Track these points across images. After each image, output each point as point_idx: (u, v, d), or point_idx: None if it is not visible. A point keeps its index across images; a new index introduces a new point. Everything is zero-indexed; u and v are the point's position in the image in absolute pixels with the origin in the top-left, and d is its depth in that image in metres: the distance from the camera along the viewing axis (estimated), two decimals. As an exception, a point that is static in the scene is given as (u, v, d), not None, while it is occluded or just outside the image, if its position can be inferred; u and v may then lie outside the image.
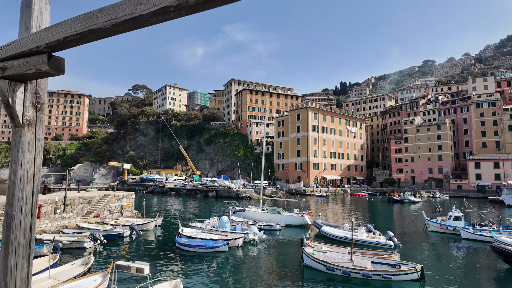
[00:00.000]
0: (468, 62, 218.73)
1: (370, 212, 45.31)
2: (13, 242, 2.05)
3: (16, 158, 2.12)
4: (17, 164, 2.11)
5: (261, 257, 19.99)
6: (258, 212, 32.52)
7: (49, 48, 1.87)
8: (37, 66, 1.92)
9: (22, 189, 2.09)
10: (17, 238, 2.06)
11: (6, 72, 2.03)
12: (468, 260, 20.23)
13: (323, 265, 16.82)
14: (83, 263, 16.04)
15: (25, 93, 2.13)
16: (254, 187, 69.45)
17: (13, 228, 2.06)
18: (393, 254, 18.48)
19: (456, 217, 27.61)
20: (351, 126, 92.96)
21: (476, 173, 73.32)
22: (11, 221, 2.07)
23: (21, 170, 2.10)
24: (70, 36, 1.77)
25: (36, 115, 2.18)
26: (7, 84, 2.04)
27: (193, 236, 22.80)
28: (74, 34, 1.75)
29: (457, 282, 15.87)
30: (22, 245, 2.08)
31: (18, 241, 2.06)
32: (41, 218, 25.26)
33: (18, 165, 2.10)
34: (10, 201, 2.11)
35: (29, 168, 2.13)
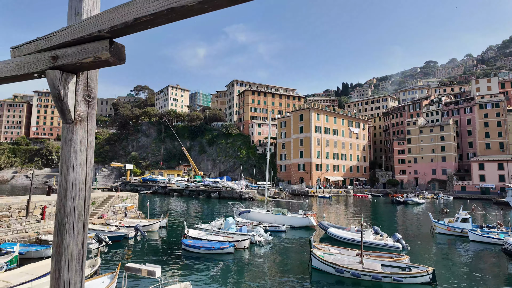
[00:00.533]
0: (470, 63, 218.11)
1: (374, 213, 45.01)
2: (66, 253, 1.84)
3: (68, 159, 1.91)
4: (68, 166, 1.90)
5: (268, 259, 19.78)
6: (263, 213, 32.29)
7: (112, 32, 1.67)
8: (96, 54, 1.71)
9: (75, 194, 1.89)
10: (70, 249, 1.86)
11: (58, 62, 1.83)
12: (478, 262, 19.95)
13: (333, 268, 16.59)
14: (90, 265, 15.87)
15: (77, 86, 1.93)
16: (257, 188, 69.22)
17: (65, 238, 1.86)
18: (403, 256, 18.24)
19: (464, 219, 27.31)
20: (354, 127, 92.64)
21: (480, 174, 72.85)
22: (63, 230, 1.86)
23: (73, 172, 1.90)
24: (142, 18, 1.55)
25: (87, 110, 1.97)
26: (59, 75, 1.83)
27: (199, 237, 22.61)
28: (148, 14, 1.52)
29: (468, 285, 15.61)
30: (76, 257, 1.87)
31: (71, 253, 1.86)
32: (45, 219, 25.11)
33: (70, 167, 1.89)
34: (62, 207, 1.89)
35: (81, 170, 1.92)
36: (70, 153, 1.92)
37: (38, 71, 1.91)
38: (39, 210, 24.97)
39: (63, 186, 1.91)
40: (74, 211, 1.89)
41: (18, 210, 23.46)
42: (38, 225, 24.29)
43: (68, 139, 1.94)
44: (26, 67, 1.95)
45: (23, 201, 23.80)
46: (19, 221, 23.42)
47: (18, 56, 2.00)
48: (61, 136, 2.00)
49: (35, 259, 17.64)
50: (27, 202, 23.92)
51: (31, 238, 22.34)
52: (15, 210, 23.28)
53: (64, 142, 1.97)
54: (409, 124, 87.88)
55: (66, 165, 1.92)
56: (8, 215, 22.74)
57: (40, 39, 1.93)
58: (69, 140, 1.93)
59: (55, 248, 1.89)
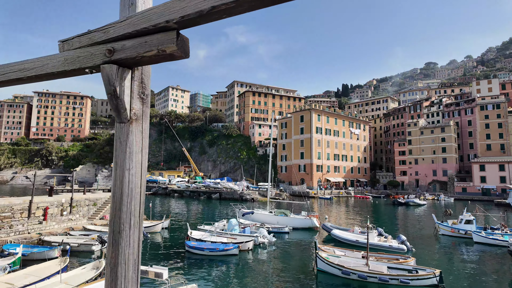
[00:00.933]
0: (470, 64, 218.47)
1: (375, 215, 44.88)
2: (121, 263, 1.70)
3: (123, 161, 1.77)
4: (124, 169, 1.76)
5: (272, 261, 19.64)
6: (265, 214, 32.16)
7: (180, 23, 1.53)
8: (161, 47, 1.57)
9: (131, 199, 1.74)
10: (126, 259, 1.72)
11: (115, 56, 1.69)
12: (484, 264, 19.84)
13: (338, 270, 16.46)
14: (94, 267, 15.73)
15: (132, 82, 1.80)
16: (257, 189, 69.06)
17: (121, 246, 1.72)
18: (409, 258, 18.12)
19: (468, 220, 27.21)
20: (355, 128, 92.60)
21: (481, 175, 72.79)
22: (119, 238, 1.72)
23: (129, 175, 1.75)
24: (221, 5, 1.39)
25: (142, 108, 1.84)
26: (115, 70, 1.70)
27: (202, 239, 22.47)
28: (229, 1, 1.36)
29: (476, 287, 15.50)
30: (132, 267, 1.73)
31: (127, 263, 1.71)
32: (47, 220, 24.97)
33: (125, 170, 1.75)
34: (117, 213, 1.75)
35: (137, 173, 1.78)
36: (126, 154, 1.78)
37: (90, 66, 1.78)
38: (41, 211, 24.81)
39: (118, 190, 1.77)
40: (130, 217, 1.75)
41: (20, 211, 23.30)
42: (40, 226, 24.13)
43: (123, 140, 1.80)
44: (77, 62, 1.81)
45: (25, 202, 23.63)
46: (21, 222, 23.26)
47: (68, 50, 1.87)
48: (115, 136, 1.86)
49: (38, 260, 17.49)
50: (29, 203, 23.76)
51: (33, 239, 22.18)
52: (17, 211, 23.12)
53: (118, 143, 1.83)
54: (410, 125, 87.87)
55: (121, 167, 1.78)
56: (10, 216, 22.58)
57: (95, 31, 1.80)
58: (124, 140, 1.79)
59: (110, 258, 1.75)
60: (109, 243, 1.80)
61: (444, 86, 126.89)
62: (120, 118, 1.81)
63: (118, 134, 1.85)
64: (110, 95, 1.77)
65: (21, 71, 1.96)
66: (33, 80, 2.02)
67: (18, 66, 1.99)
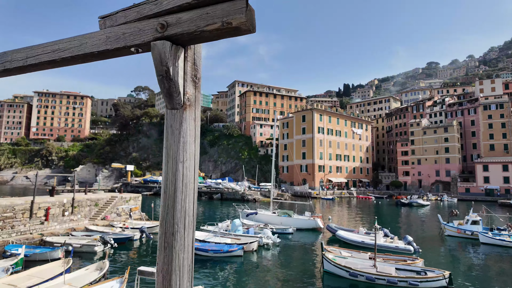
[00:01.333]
0: (472, 64, 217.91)
1: (378, 215, 44.59)
2: (176, 270, 1.47)
3: (176, 153, 1.53)
4: (177, 161, 1.52)
5: (277, 262, 19.39)
6: (269, 215, 31.92)
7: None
8: (226, 19, 1.35)
9: (185, 195, 1.51)
10: (181, 265, 1.49)
11: (169, 31, 1.46)
12: (493, 265, 19.58)
13: (346, 271, 16.21)
14: (98, 268, 15.51)
15: (185, 63, 1.56)
16: (259, 190, 68.81)
17: (176, 250, 1.48)
18: (417, 260, 17.86)
19: (474, 221, 26.94)
20: (357, 128, 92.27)
21: (485, 176, 72.43)
22: (173, 241, 1.49)
23: (183, 168, 1.51)
24: None
25: (195, 94, 1.60)
26: (169, 47, 1.46)
27: (206, 240, 22.23)
28: None
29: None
30: (187, 275, 1.50)
31: (182, 269, 1.49)
32: (49, 220, 24.77)
33: (179, 162, 1.51)
34: (170, 212, 1.51)
35: (190, 166, 1.55)
36: (179, 144, 1.54)
37: (137, 44, 1.54)
38: (43, 211, 24.63)
39: (171, 185, 1.53)
40: (184, 217, 1.51)
41: (22, 211, 23.10)
42: (41, 227, 23.94)
43: (175, 128, 1.56)
44: (121, 40, 1.57)
45: (27, 202, 23.45)
46: (23, 223, 23.07)
47: (111, 26, 1.62)
48: (166, 124, 1.61)
49: (40, 261, 17.29)
50: (31, 203, 23.57)
51: (35, 240, 21.97)
52: (19, 211, 22.93)
53: (169, 132, 1.58)
54: (413, 125, 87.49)
55: (174, 159, 1.53)
56: (12, 216, 22.39)
57: (144, 4, 1.57)
58: (177, 129, 1.55)
59: (162, 264, 1.50)
60: (161, 247, 1.54)
61: (447, 86, 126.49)
62: (172, 103, 1.57)
63: (169, 121, 1.60)
64: (161, 77, 1.53)
65: (54, 52, 1.71)
66: (68, 63, 1.76)
67: (51, 46, 1.73)
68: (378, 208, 54.80)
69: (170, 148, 1.58)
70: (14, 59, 1.82)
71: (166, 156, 1.59)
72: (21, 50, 1.80)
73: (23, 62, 1.79)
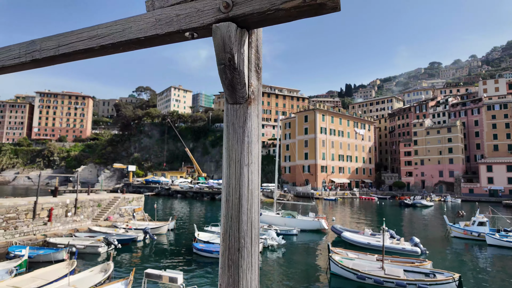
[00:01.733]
0: (475, 64, 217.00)
1: (382, 216, 44.28)
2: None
3: (240, 154, 1.31)
4: (242, 164, 1.30)
5: (283, 264, 19.16)
6: (272, 216, 31.70)
7: None
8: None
9: (251, 204, 1.31)
10: (248, 287, 1.28)
11: (234, 10, 1.22)
12: (501, 268, 19.29)
13: (353, 274, 15.97)
14: (102, 270, 15.34)
15: (250, 50, 1.34)
16: (262, 190, 68.62)
17: (243, 269, 1.26)
18: (425, 261, 17.60)
19: (481, 222, 26.64)
20: (359, 128, 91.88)
21: (488, 176, 71.92)
22: (239, 258, 1.26)
23: (248, 173, 1.30)
24: None
25: (258, 86, 1.39)
26: (234, 30, 1.23)
27: (210, 241, 22.04)
28: None
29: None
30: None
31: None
32: (52, 221, 24.64)
33: (244, 165, 1.30)
34: (234, 224, 1.30)
35: (255, 170, 1.35)
36: (244, 145, 1.32)
37: (195, 27, 1.31)
38: (46, 212, 24.49)
39: (234, 193, 1.31)
40: (251, 229, 1.30)
41: (25, 212, 22.98)
42: (44, 227, 23.80)
43: (238, 126, 1.34)
44: (175, 23, 1.34)
45: (30, 203, 23.32)
46: (26, 223, 22.94)
47: (161, 7, 1.40)
48: (226, 121, 1.39)
49: (44, 262, 17.15)
50: (34, 204, 23.44)
51: (38, 241, 21.83)
52: (22, 212, 22.80)
53: (231, 130, 1.36)
54: (416, 126, 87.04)
55: (238, 162, 1.32)
56: (15, 217, 22.27)
57: None
58: (240, 127, 1.33)
59: (227, 287, 1.30)
60: (224, 265, 1.31)
61: (450, 86, 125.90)
62: (234, 97, 1.35)
63: (230, 118, 1.38)
64: (223, 66, 1.30)
65: (92, 40, 1.48)
66: (106, 51, 1.52)
67: (88, 32, 1.50)
68: (381, 209, 54.47)
69: (232, 149, 1.36)
70: (44, 48, 1.59)
71: (228, 158, 1.37)
72: (52, 37, 1.58)
73: (54, 52, 1.57)
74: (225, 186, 1.36)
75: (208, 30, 1.32)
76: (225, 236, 1.34)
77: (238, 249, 1.30)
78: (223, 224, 1.33)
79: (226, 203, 1.33)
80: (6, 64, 1.65)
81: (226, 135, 1.39)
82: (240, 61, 1.29)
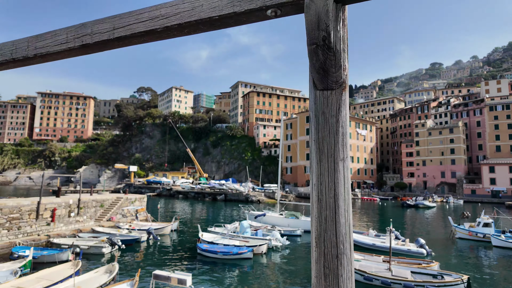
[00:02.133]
0: (476, 65, 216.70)
1: (384, 217, 44.11)
2: None
3: (334, 148, 1.16)
4: (337, 159, 1.16)
5: (288, 265, 19.02)
6: (276, 217, 31.56)
7: None
8: None
9: (347, 204, 1.15)
10: None
11: None
12: (508, 269, 19.13)
13: (360, 275, 15.83)
14: (107, 271, 15.23)
15: (343, 28, 1.21)
16: (263, 191, 68.44)
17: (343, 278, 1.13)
18: (432, 263, 17.45)
19: (486, 223, 26.46)
20: (361, 129, 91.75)
21: (491, 177, 71.69)
22: (338, 266, 1.12)
23: (343, 169, 1.17)
24: None
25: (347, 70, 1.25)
26: (331, 4, 1.11)
27: (214, 241, 21.91)
28: None
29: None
30: None
31: None
32: (55, 221, 24.54)
33: (339, 160, 1.16)
34: (330, 228, 1.14)
35: (348, 165, 1.22)
36: (338, 137, 1.16)
37: (282, 2, 1.18)
38: (49, 212, 24.40)
39: (329, 192, 1.14)
40: (348, 234, 1.14)
41: (28, 212, 22.89)
42: (48, 228, 23.71)
43: (330, 115, 1.18)
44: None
45: (33, 203, 23.23)
46: (29, 224, 22.85)
47: None
48: (314, 109, 1.25)
49: (48, 263, 17.04)
50: (37, 204, 23.34)
51: (42, 241, 21.72)
52: (25, 212, 22.71)
53: (321, 121, 1.21)
54: (418, 126, 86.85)
55: (331, 157, 1.16)
56: (18, 217, 22.18)
57: None
58: (333, 116, 1.18)
59: None
60: (319, 274, 1.15)
61: (451, 87, 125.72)
62: (325, 81, 1.19)
63: (320, 107, 1.22)
64: (316, 46, 1.15)
65: (154, 20, 1.34)
66: (170, 34, 1.37)
67: (149, 13, 1.36)
68: (383, 209, 54.30)
69: (324, 142, 1.20)
70: (97, 32, 1.45)
71: (318, 152, 1.21)
72: (105, 19, 1.44)
73: (108, 35, 1.42)
74: (315, 184, 1.21)
75: (295, 6, 1.18)
76: (319, 241, 1.18)
77: (336, 256, 1.14)
78: (316, 227, 1.19)
79: (318, 203, 1.19)
80: (51, 51, 1.52)
81: (315, 126, 1.25)
82: (337, 40, 1.17)
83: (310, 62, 1.22)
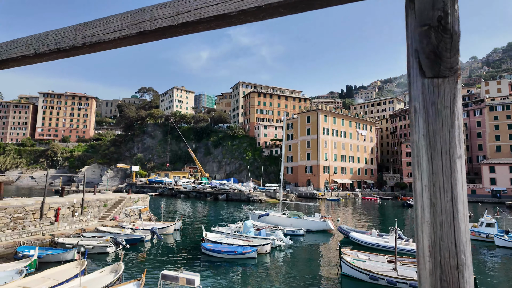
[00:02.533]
0: (475, 65, 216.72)
1: (385, 217, 44.15)
2: None
3: (449, 144, 1.01)
4: (453, 156, 1.03)
5: (292, 265, 19.06)
6: (279, 216, 31.60)
7: None
8: None
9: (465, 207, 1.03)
10: None
11: None
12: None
13: (366, 275, 15.87)
14: (113, 271, 15.26)
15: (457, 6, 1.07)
16: (264, 190, 68.48)
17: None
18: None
19: (489, 223, 26.50)
20: (361, 129, 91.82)
21: (491, 177, 71.73)
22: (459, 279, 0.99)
23: (461, 168, 1.03)
24: None
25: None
26: None
27: (218, 241, 21.95)
28: None
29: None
30: None
31: None
32: (59, 221, 24.59)
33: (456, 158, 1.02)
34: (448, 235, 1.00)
35: (464, 164, 1.08)
36: (454, 131, 1.01)
37: None
38: (53, 212, 24.46)
39: (445, 194, 1.00)
40: (467, 240, 1.01)
41: (33, 211, 22.95)
42: (52, 227, 23.75)
43: (443, 106, 1.02)
44: None
45: (37, 203, 23.28)
46: (34, 223, 22.91)
47: None
48: (422, 100, 1.09)
49: (53, 263, 17.08)
50: (41, 203, 23.40)
51: (46, 241, 21.77)
52: (29, 211, 22.77)
53: (432, 113, 1.04)
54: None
55: (445, 154, 1.02)
56: (22, 217, 22.23)
57: None
58: (446, 107, 1.02)
59: None
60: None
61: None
62: (437, 68, 1.04)
63: (429, 97, 1.06)
64: (428, 27, 1.04)
65: (227, 3, 1.19)
66: (243, 19, 1.21)
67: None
68: (384, 209, 54.34)
69: (436, 137, 1.04)
70: (157, 18, 1.30)
71: (429, 148, 1.04)
72: (168, 3, 1.28)
73: (171, 21, 1.26)
74: (427, 185, 1.05)
75: None
76: (434, 250, 1.01)
77: (456, 268, 0.98)
78: (429, 234, 1.03)
79: (432, 207, 1.03)
80: (103, 39, 1.39)
81: (424, 118, 1.07)
82: (455, 21, 1.02)
83: (420, 46, 1.08)
